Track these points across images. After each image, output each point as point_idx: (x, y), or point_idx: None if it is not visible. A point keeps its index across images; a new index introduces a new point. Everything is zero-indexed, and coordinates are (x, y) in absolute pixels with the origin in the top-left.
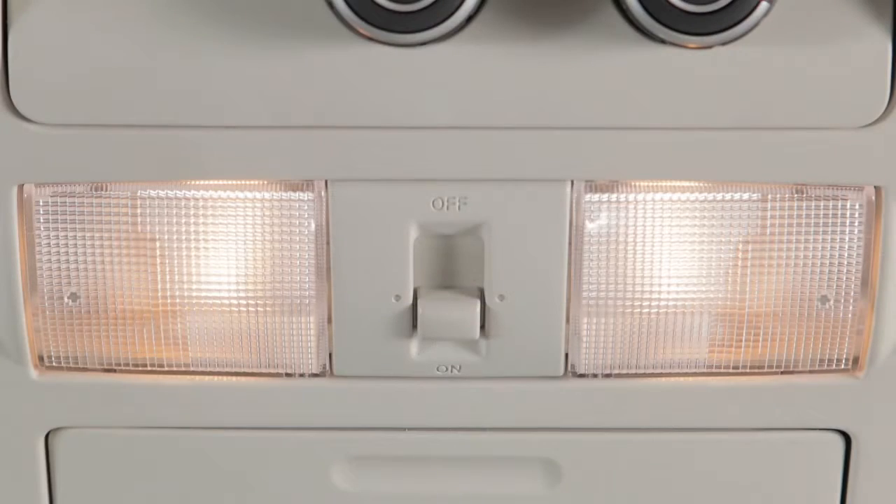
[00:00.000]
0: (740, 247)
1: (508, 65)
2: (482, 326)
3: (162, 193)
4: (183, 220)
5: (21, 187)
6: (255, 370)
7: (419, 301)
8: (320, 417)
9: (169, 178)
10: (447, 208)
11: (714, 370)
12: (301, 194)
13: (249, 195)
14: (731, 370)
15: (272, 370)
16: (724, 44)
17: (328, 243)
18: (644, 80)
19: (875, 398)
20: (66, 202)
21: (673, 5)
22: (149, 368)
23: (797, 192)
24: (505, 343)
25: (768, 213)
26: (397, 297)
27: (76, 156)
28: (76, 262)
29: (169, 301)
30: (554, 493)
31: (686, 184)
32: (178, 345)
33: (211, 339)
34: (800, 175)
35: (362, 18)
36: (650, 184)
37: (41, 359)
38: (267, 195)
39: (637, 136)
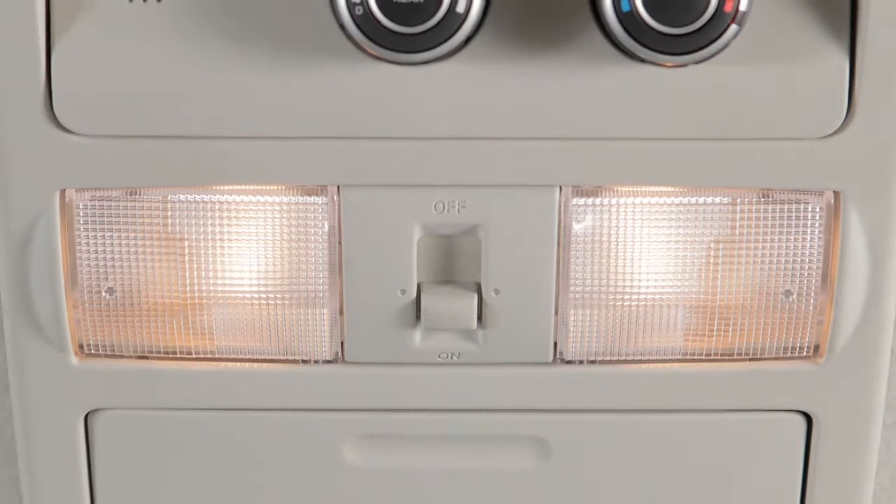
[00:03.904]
0: (712, 246)
1: (503, 81)
2: (479, 318)
3: (190, 197)
4: (209, 222)
5: (63, 192)
6: (273, 357)
7: (422, 295)
8: (333, 400)
9: (196, 184)
10: (447, 211)
11: (688, 357)
12: (315, 198)
13: (269, 199)
14: (703, 357)
15: (289, 357)
16: (697, 62)
17: (340, 243)
18: (625, 96)
19: (834, 382)
20: (103, 205)
21: (651, 27)
22: (178, 356)
23: (763, 197)
24: (500, 332)
25: (737, 216)
26: (402, 291)
27: (112, 164)
28: (113, 259)
29: (196, 295)
30: (544, 469)
31: (663, 189)
32: (205, 334)
33: (234, 329)
34: (765, 181)
35: (371, 40)
36: (631, 189)
37: (81, 347)
38: (284, 199)
39: (619, 146)
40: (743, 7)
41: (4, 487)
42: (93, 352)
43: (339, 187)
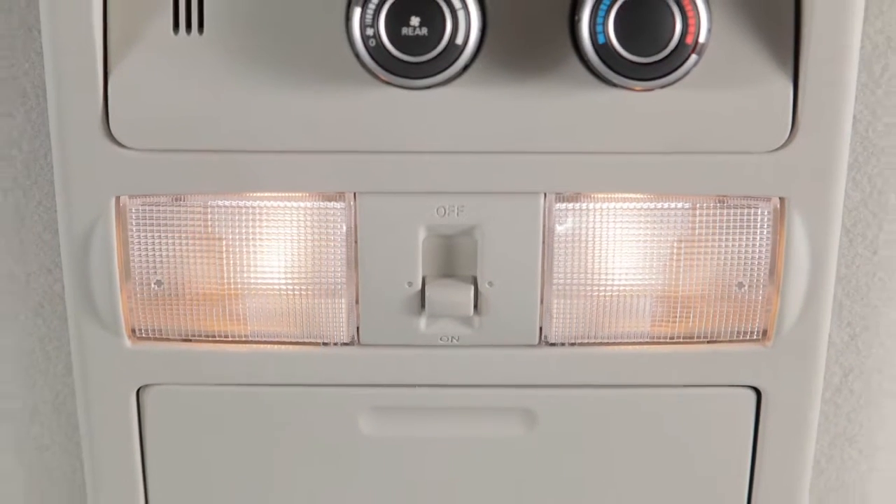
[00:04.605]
0: (675, 244)
1: (496, 103)
2: (475, 306)
3: (227, 203)
4: (244, 224)
5: (118, 198)
6: (298, 340)
7: (426, 287)
8: (349, 377)
9: (232, 191)
10: (448, 214)
11: (655, 340)
12: (335, 204)
13: (294, 204)
14: (667, 340)
15: (312, 340)
16: (662, 87)
17: (356, 242)
18: (600, 115)
19: (780, 362)
20: (152, 210)
21: (623, 57)
22: (217, 339)
23: (719, 202)
24: (493, 319)
25: (696, 219)
26: (409, 284)
27: (161, 174)
28: (161, 256)
29: (232, 286)
30: (531, 436)
31: (633, 195)
32: (240, 320)
33: (265, 316)
34: (721, 189)
35: (382, 67)
36: (606, 195)
37: (133, 331)
38: (308, 204)
39: (596, 159)
40: (702, 39)
41: (68, 454)
42: (143, 335)
43: (355, 194)
